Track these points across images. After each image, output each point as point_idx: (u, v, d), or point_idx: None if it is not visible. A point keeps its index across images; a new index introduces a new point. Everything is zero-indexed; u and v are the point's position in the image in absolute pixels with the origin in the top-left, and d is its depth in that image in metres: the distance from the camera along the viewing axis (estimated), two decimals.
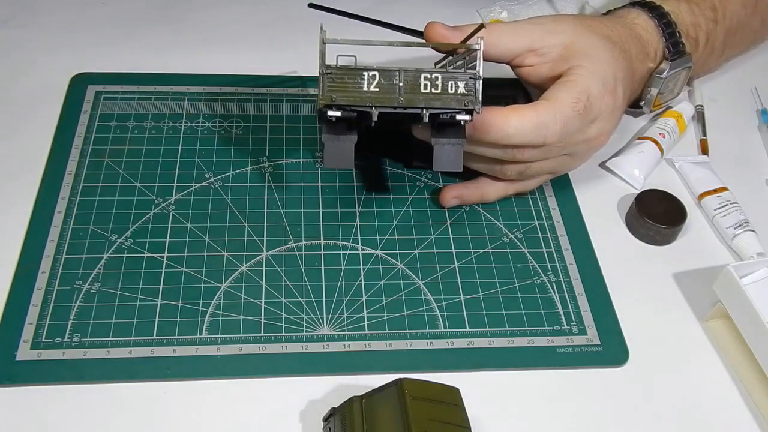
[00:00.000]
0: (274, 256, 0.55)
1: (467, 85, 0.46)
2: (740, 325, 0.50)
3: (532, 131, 0.51)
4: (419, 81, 0.46)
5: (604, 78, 0.54)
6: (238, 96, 0.66)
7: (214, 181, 0.59)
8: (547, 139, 0.52)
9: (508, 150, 0.53)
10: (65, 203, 0.56)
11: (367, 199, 0.59)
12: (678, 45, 0.62)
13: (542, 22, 0.56)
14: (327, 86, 0.45)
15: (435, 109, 0.46)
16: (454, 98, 0.46)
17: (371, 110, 0.46)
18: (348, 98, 0.45)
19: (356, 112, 0.46)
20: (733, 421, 0.49)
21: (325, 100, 0.45)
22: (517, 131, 0.51)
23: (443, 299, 0.53)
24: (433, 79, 0.46)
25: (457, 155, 0.49)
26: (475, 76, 0.46)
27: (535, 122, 0.51)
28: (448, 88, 0.46)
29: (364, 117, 0.46)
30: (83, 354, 0.48)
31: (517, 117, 0.51)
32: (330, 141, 0.48)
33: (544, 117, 0.51)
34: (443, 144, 0.49)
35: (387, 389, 0.43)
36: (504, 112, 0.51)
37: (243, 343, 0.50)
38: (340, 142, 0.48)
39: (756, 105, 0.72)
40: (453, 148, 0.49)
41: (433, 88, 0.46)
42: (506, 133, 0.51)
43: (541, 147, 0.53)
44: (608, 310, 0.54)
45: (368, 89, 0.46)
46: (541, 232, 0.58)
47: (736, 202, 0.60)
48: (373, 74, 0.46)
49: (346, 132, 0.48)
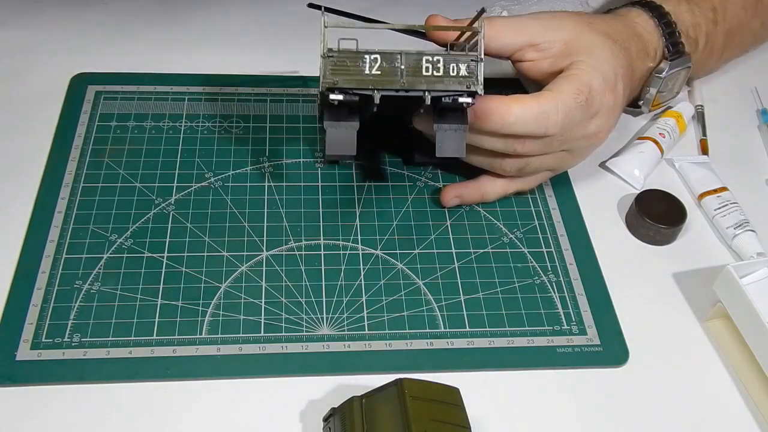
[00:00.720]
0: (274, 256, 0.55)
1: (469, 67, 0.46)
2: (740, 325, 0.50)
3: (534, 120, 0.51)
4: (421, 63, 0.46)
5: (604, 74, 0.54)
6: (238, 96, 0.66)
7: (214, 181, 0.59)
8: (548, 129, 0.52)
9: (509, 141, 0.53)
10: (65, 203, 0.56)
11: (367, 199, 0.59)
12: (678, 45, 0.62)
13: (543, 18, 0.57)
14: (329, 69, 0.45)
15: (437, 91, 0.46)
16: (455, 80, 0.46)
17: (373, 93, 0.46)
18: (350, 81, 0.45)
19: (358, 95, 0.46)
20: (733, 421, 0.49)
21: (327, 83, 0.45)
22: (518, 120, 0.51)
23: (443, 299, 0.53)
24: (435, 61, 0.46)
25: (460, 141, 0.49)
26: (477, 59, 0.46)
27: (536, 111, 0.51)
28: (450, 71, 0.46)
29: (365, 102, 0.46)
30: (83, 354, 0.48)
31: (519, 105, 0.51)
32: (332, 128, 0.48)
33: (545, 106, 0.51)
34: (446, 130, 0.49)
35: (387, 389, 0.43)
36: (506, 101, 0.51)
37: (243, 343, 0.50)
38: (342, 129, 0.48)
39: (756, 105, 0.72)
40: (455, 134, 0.49)
41: (435, 71, 0.46)
42: (507, 121, 0.51)
43: (542, 138, 0.53)
44: (608, 310, 0.54)
45: (370, 72, 0.46)
46: (541, 232, 0.58)
47: (736, 202, 0.60)
48: (375, 57, 0.46)
49: (348, 118, 0.48)
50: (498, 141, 0.53)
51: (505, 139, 0.53)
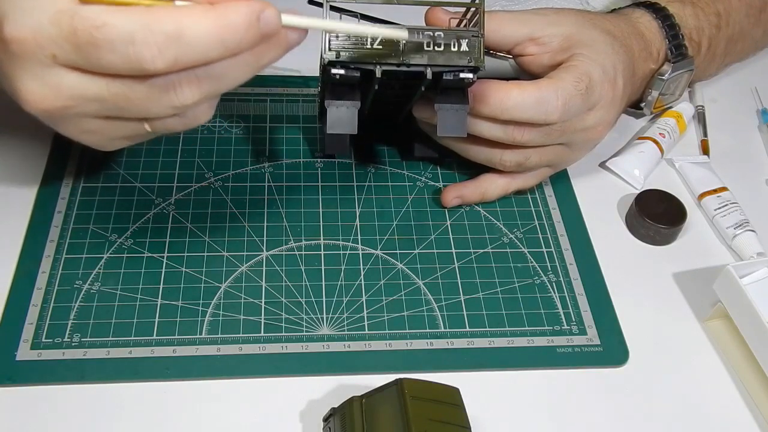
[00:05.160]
0: (274, 256, 0.55)
1: (470, 42, 0.47)
2: (740, 325, 0.50)
3: (533, 106, 0.51)
4: (422, 39, 0.46)
5: (604, 66, 0.54)
6: (238, 96, 0.66)
7: (214, 181, 0.59)
8: (548, 115, 0.52)
9: (509, 129, 0.53)
10: (65, 203, 0.56)
11: (367, 199, 0.59)
12: (681, 47, 0.62)
13: (545, 13, 0.57)
14: (331, 44, 0.46)
15: (438, 66, 0.47)
16: (457, 55, 0.47)
17: (375, 68, 0.46)
18: (351, 55, 0.46)
19: (360, 70, 0.46)
20: (733, 421, 0.49)
21: (329, 56, 0.46)
22: (518, 104, 0.51)
23: (443, 299, 0.53)
24: (436, 37, 0.46)
25: (461, 120, 0.50)
26: (478, 34, 0.47)
27: (536, 96, 0.51)
28: (451, 46, 0.47)
29: (367, 78, 0.47)
30: (83, 354, 0.48)
31: (519, 90, 0.51)
32: (333, 106, 0.48)
33: (545, 92, 0.51)
34: (447, 109, 0.49)
35: (387, 389, 0.43)
36: (505, 85, 0.51)
37: (243, 343, 0.50)
38: (343, 108, 0.48)
39: (756, 105, 0.72)
40: (456, 113, 0.49)
41: (436, 46, 0.46)
42: (506, 105, 0.51)
43: (541, 127, 0.53)
44: (608, 310, 0.54)
45: (371, 47, 0.46)
46: (541, 232, 0.58)
47: (736, 202, 0.60)
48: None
49: (349, 97, 0.48)
50: (498, 128, 0.53)
51: (505, 127, 0.53)
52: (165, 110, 0.39)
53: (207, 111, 0.42)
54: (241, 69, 0.39)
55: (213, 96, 0.40)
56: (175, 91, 0.38)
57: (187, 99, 0.39)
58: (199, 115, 0.42)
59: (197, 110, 0.41)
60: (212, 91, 0.39)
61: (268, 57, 0.39)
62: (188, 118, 0.41)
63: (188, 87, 0.38)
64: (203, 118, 0.42)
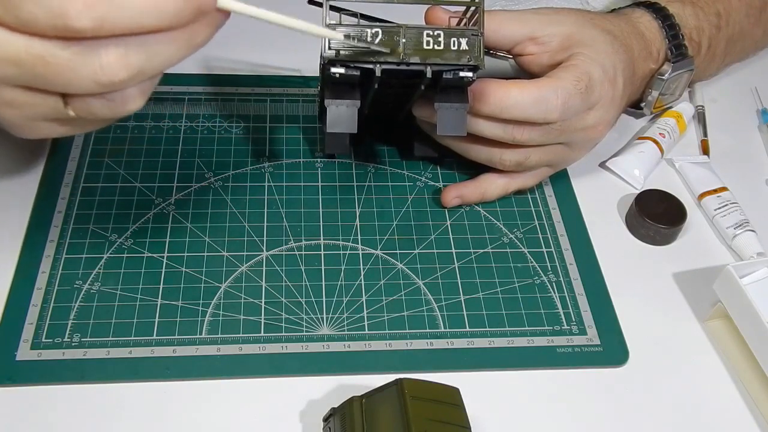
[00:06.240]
0: (274, 256, 0.55)
1: (469, 41, 0.47)
2: (740, 325, 0.50)
3: (533, 105, 0.51)
4: (422, 38, 0.46)
5: (604, 66, 0.54)
6: (238, 96, 0.66)
7: (214, 181, 0.59)
8: (547, 114, 0.52)
9: (508, 127, 0.53)
10: (65, 203, 0.56)
11: (367, 199, 0.59)
12: (681, 47, 0.62)
13: (545, 13, 0.57)
14: (331, 42, 0.46)
15: (438, 64, 0.47)
16: (456, 54, 0.47)
17: (375, 67, 0.46)
18: (351, 54, 0.46)
19: (360, 69, 0.46)
20: (733, 421, 0.49)
21: (329, 55, 0.45)
22: (518, 103, 0.51)
23: (443, 299, 0.53)
24: (436, 35, 0.46)
25: (460, 119, 0.50)
26: (477, 33, 0.47)
27: (536, 95, 0.51)
28: (451, 45, 0.47)
29: (367, 77, 0.47)
30: (83, 354, 0.48)
31: (518, 89, 0.51)
32: (333, 106, 0.48)
33: (545, 91, 0.52)
34: (446, 108, 0.49)
35: (387, 389, 0.43)
36: (505, 84, 0.51)
37: (243, 343, 0.50)
38: (343, 107, 0.48)
39: (756, 105, 0.72)
40: (456, 112, 0.49)
41: (436, 45, 0.46)
42: (505, 104, 0.51)
43: (541, 126, 0.53)
44: (608, 310, 0.54)
45: (371, 41, 0.46)
46: (541, 232, 0.58)
47: (736, 202, 0.60)
48: (376, 31, 0.46)
49: (349, 96, 0.48)
50: (497, 127, 0.53)
51: (505, 126, 0.53)
52: (88, 84, 0.35)
53: (136, 97, 0.38)
54: (174, 46, 0.36)
55: (141, 76, 0.36)
56: (99, 59, 0.34)
57: (113, 72, 0.34)
58: (127, 100, 0.37)
59: (125, 94, 0.37)
60: (141, 68, 0.35)
61: (200, 36, 0.37)
62: (115, 102, 0.37)
63: (115, 57, 0.34)
64: (132, 104, 0.38)
